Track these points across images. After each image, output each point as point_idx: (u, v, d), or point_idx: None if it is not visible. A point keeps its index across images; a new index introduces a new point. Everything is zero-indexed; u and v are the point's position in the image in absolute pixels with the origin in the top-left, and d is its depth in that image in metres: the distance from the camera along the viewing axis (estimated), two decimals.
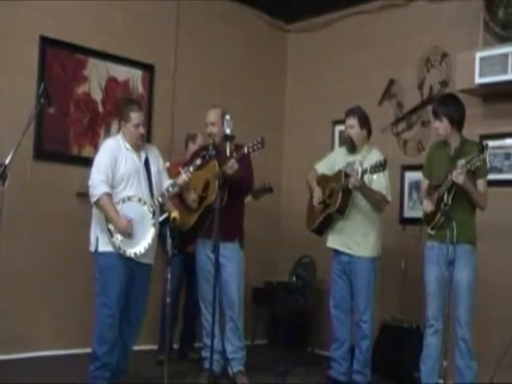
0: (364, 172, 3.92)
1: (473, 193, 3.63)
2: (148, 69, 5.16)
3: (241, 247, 4.15)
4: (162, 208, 3.91)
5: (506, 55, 4.17)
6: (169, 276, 3.60)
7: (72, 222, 4.53)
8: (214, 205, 3.62)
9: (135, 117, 3.77)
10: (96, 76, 4.86)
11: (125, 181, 3.71)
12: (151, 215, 3.75)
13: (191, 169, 3.90)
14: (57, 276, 4.57)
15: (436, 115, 3.78)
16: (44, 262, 4.54)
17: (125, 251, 3.65)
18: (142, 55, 5.12)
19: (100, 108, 4.89)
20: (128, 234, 3.64)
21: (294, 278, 5.35)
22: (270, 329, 5.71)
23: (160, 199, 3.81)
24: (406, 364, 4.45)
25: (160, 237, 4.59)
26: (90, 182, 3.66)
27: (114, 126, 4.85)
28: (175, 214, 3.70)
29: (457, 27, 4.78)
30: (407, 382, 4.37)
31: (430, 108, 4.93)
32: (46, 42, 4.57)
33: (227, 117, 3.68)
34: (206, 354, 4.08)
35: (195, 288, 4.60)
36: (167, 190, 3.86)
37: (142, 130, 3.79)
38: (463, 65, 4.43)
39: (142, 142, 3.86)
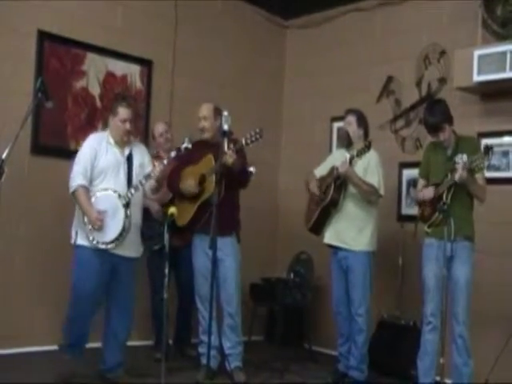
0: (352, 158, 4.05)
1: (474, 188, 3.65)
2: (146, 64, 5.15)
3: (238, 241, 4.15)
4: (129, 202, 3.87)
5: (504, 53, 4.16)
6: (166, 271, 3.58)
7: (69, 217, 4.48)
8: (212, 200, 3.60)
9: (123, 112, 3.82)
10: (94, 71, 4.85)
11: (103, 174, 3.79)
12: (123, 208, 3.77)
13: (165, 161, 3.90)
14: (55, 271, 4.55)
15: (437, 129, 3.73)
16: (42, 257, 4.52)
17: (98, 242, 3.73)
18: (141, 50, 5.10)
19: (98, 103, 4.87)
20: (98, 226, 3.70)
21: (292, 275, 5.35)
22: (267, 325, 5.71)
23: (133, 191, 3.82)
24: (403, 361, 4.46)
25: (142, 234, 4.63)
26: (70, 175, 3.78)
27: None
28: (173, 209, 3.69)
29: (455, 25, 4.78)
30: (404, 379, 4.38)
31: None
32: (44, 37, 4.55)
33: (225, 113, 3.66)
34: (202, 350, 4.07)
35: (184, 282, 4.60)
36: (140, 183, 3.85)
37: (128, 125, 3.83)
38: (461, 62, 4.42)
39: (128, 138, 3.90)
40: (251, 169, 4.18)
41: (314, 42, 5.92)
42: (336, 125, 5.58)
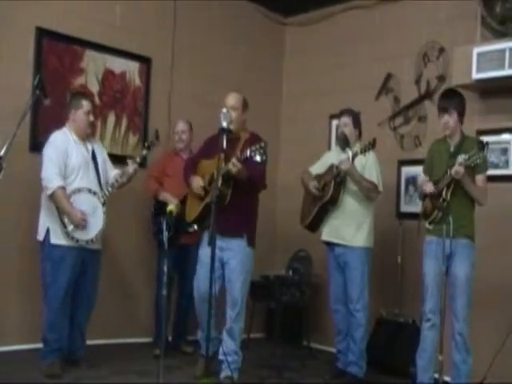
0: (355, 155, 4.05)
1: (471, 188, 3.65)
2: (145, 61, 5.14)
3: (249, 244, 3.89)
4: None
5: (503, 51, 4.16)
6: (165, 268, 3.60)
7: None
8: (213, 200, 3.44)
9: (86, 104, 4.00)
10: (93, 68, 4.84)
11: (75, 173, 3.90)
12: (102, 205, 3.96)
13: (138, 159, 4.09)
14: None
15: (444, 109, 3.77)
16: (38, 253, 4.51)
17: (78, 240, 3.86)
18: (139, 48, 5.10)
19: (97, 100, 4.85)
20: (82, 226, 3.84)
21: (291, 272, 5.36)
22: (266, 323, 5.72)
23: (110, 189, 4.02)
24: (401, 358, 4.46)
25: (155, 228, 4.65)
26: (44, 175, 3.85)
27: (111, 118, 4.83)
28: (171, 206, 3.70)
29: (454, 22, 4.77)
30: (403, 377, 4.37)
31: (427, 103, 4.97)
32: (43, 33, 4.54)
33: (224, 110, 3.64)
34: (201, 335, 3.99)
35: (188, 280, 4.60)
36: (116, 180, 4.04)
37: (91, 117, 4.02)
38: (460, 60, 4.42)
39: (90, 130, 4.11)
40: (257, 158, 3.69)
41: (312, 40, 5.91)
42: (335, 122, 5.57)
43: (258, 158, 3.56)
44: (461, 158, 3.52)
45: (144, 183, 4.74)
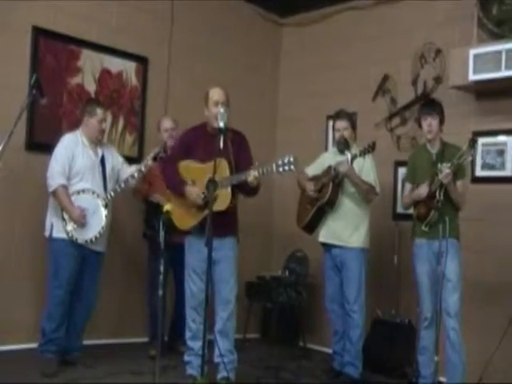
0: (354, 157, 4.06)
1: (454, 192, 3.76)
2: (142, 61, 5.14)
3: (237, 241, 3.88)
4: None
5: (499, 52, 4.17)
6: (161, 268, 3.58)
7: None
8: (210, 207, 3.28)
9: (100, 112, 4.12)
10: (89, 67, 4.83)
11: (80, 174, 4.02)
12: (104, 208, 4.07)
13: (143, 168, 4.21)
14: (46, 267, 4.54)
15: (428, 113, 3.87)
16: (36, 254, 4.50)
17: (77, 238, 3.97)
18: (136, 47, 5.09)
19: None
20: (81, 223, 3.95)
21: (287, 273, 5.36)
22: (262, 323, 5.72)
23: (112, 194, 4.14)
24: (397, 359, 4.47)
25: (147, 229, 4.64)
26: (48, 173, 3.97)
27: (108, 117, 4.81)
28: (168, 206, 3.67)
29: (451, 24, 4.78)
30: (399, 377, 4.38)
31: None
32: (39, 33, 4.53)
33: (221, 110, 3.64)
34: (189, 358, 3.86)
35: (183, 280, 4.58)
36: (120, 186, 4.16)
37: (104, 125, 4.16)
38: (457, 61, 4.43)
39: (102, 137, 4.22)
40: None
41: (309, 40, 5.92)
42: (332, 123, 5.57)
43: (286, 171, 3.55)
44: (443, 166, 3.63)
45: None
